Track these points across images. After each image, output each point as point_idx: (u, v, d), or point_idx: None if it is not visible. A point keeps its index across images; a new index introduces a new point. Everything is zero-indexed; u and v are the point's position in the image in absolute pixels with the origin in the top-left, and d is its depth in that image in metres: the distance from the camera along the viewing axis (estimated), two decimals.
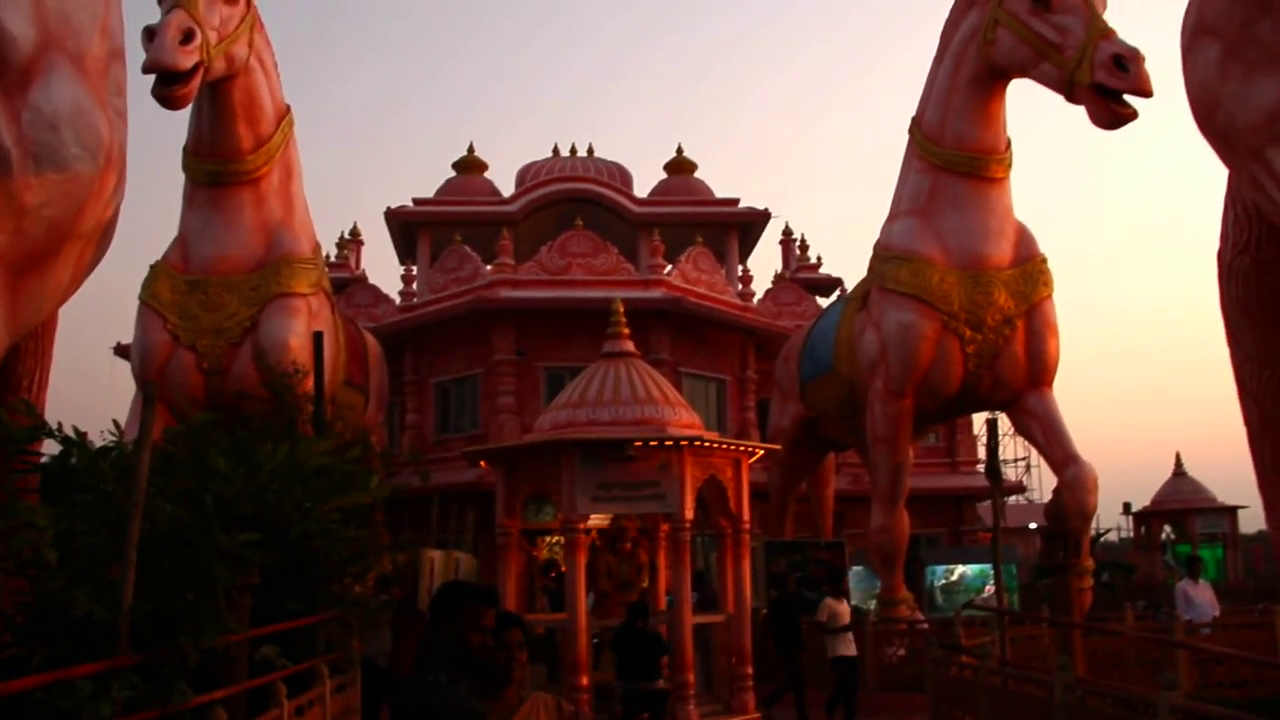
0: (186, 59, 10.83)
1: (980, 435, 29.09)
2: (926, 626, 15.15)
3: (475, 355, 24.54)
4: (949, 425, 26.47)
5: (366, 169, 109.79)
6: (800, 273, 31.32)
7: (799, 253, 32.20)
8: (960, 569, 20.25)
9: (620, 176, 29.28)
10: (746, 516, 12.45)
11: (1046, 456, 14.53)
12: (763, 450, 13.22)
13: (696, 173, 30.33)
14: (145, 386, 3.58)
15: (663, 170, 30.34)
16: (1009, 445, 33.45)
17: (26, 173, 5.00)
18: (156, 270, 13.66)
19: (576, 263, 24.70)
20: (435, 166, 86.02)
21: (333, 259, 29.20)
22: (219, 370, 13.37)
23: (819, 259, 32.02)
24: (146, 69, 10.63)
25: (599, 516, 12.70)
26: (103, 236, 6.38)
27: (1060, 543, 13.22)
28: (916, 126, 15.50)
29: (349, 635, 7.92)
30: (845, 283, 29.91)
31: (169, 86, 10.80)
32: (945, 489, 27.74)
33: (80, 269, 6.21)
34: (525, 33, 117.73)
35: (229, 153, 13.38)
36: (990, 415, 15.32)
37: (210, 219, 13.63)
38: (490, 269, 25.03)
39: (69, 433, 4.99)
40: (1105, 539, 32.29)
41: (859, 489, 23.03)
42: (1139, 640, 11.33)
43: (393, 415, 24.39)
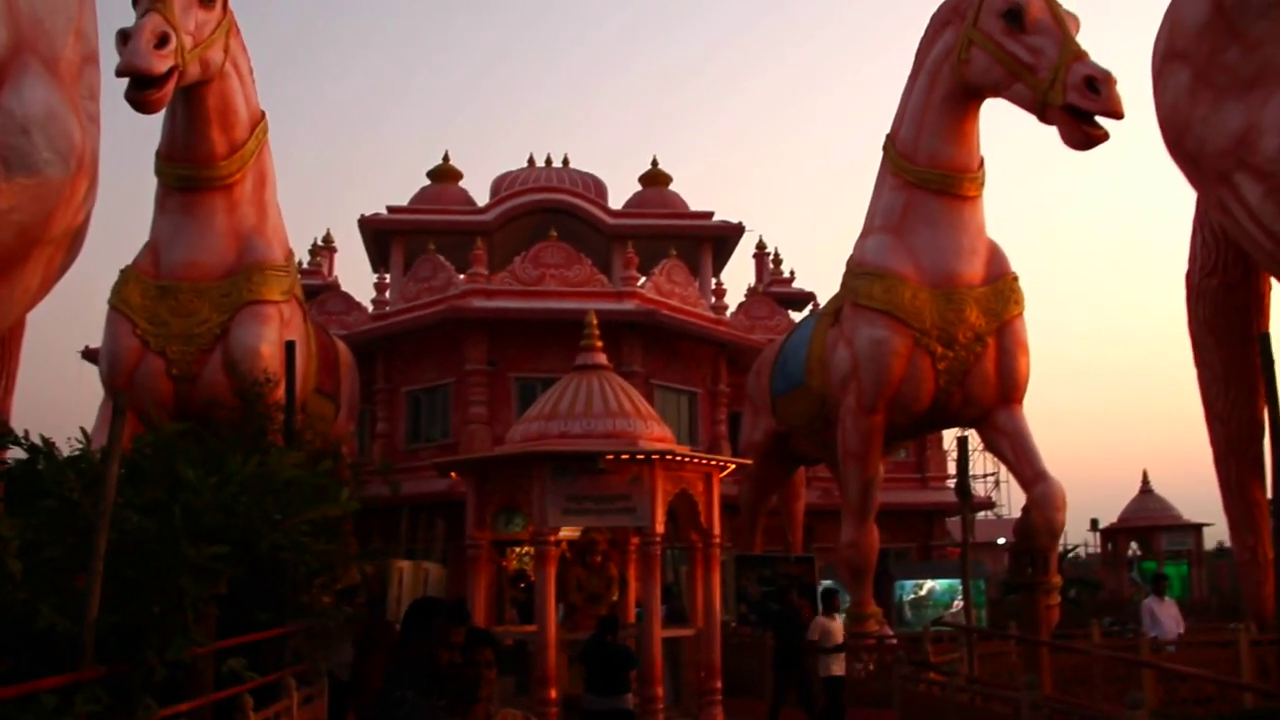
0: (161, 63, 10.77)
1: (950, 451, 29.25)
2: (895, 642, 15.20)
3: (447, 364, 24.44)
4: (919, 441, 26.59)
5: (341, 176, 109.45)
6: (773, 287, 31.42)
7: (772, 267, 32.32)
8: (929, 584, 20.35)
9: (595, 188, 29.27)
10: (717, 531, 12.43)
11: (1015, 473, 14.61)
12: (734, 465, 13.22)
13: (671, 185, 30.36)
14: (115, 396, 3.53)
15: (638, 182, 30.35)
16: (978, 461, 33.59)
17: None
18: (127, 275, 13.54)
19: (550, 273, 24.68)
20: (410, 174, 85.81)
21: (305, 265, 29.03)
22: (188, 377, 13.27)
23: (792, 273, 32.18)
24: (120, 72, 10.56)
25: (569, 529, 12.65)
26: (73, 242, 6.32)
27: (1029, 560, 13.28)
28: (891, 144, 15.59)
29: (316, 647, 7.85)
30: (818, 297, 30.04)
31: (143, 90, 10.72)
32: (915, 504, 27.87)
33: (50, 274, 6.14)
34: (502, 43, 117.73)
35: (202, 158, 13.30)
36: (961, 433, 15.41)
37: (182, 224, 13.54)
38: (463, 278, 24.97)
39: (36, 439, 4.93)
40: (1072, 555, 32.56)
41: (829, 503, 23.10)
42: (1105, 657, 11.38)
43: (363, 424, 24.26)
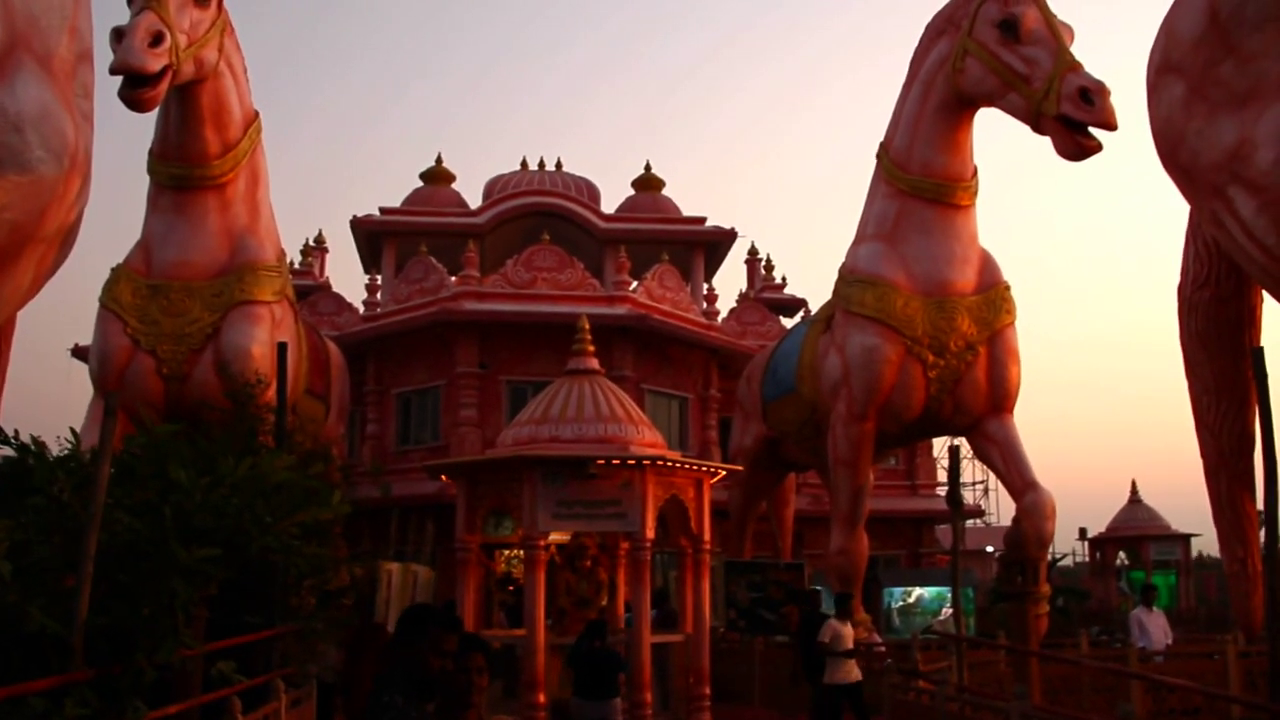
0: (155, 61, 10.73)
1: (940, 458, 29.31)
2: (884, 649, 15.19)
3: (438, 367, 24.42)
4: (909, 448, 26.65)
5: (333, 177, 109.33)
6: (765, 293, 31.45)
7: (764, 273, 32.34)
8: (918, 591, 20.35)
9: (588, 192, 29.28)
10: (708, 536, 12.43)
11: (1005, 482, 14.62)
12: (725, 471, 13.21)
13: (664, 190, 30.40)
14: (107, 397, 3.51)
15: (630, 187, 30.38)
16: (967, 469, 33.68)
17: None
18: (118, 273, 13.48)
19: (542, 277, 24.67)
20: (403, 176, 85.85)
21: (297, 266, 28.99)
22: (179, 376, 13.21)
23: (784, 279, 32.20)
24: (114, 70, 10.53)
25: (559, 533, 12.63)
26: (65, 240, 6.28)
27: (1018, 569, 13.29)
28: (884, 152, 15.61)
29: (305, 649, 7.83)
30: (809, 304, 30.09)
31: (136, 89, 10.69)
32: (904, 511, 27.91)
33: (41, 272, 6.11)
34: (496, 46, 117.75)
35: (195, 157, 13.25)
36: (952, 442, 15.41)
37: (174, 223, 13.48)
38: (455, 281, 24.95)
39: (25, 438, 4.89)
40: (1061, 564, 32.59)
41: (819, 510, 23.10)
42: (1094, 667, 11.40)
43: (353, 425, 24.22)
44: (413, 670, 3.33)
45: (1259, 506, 9.31)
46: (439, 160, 29.77)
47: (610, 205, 29.58)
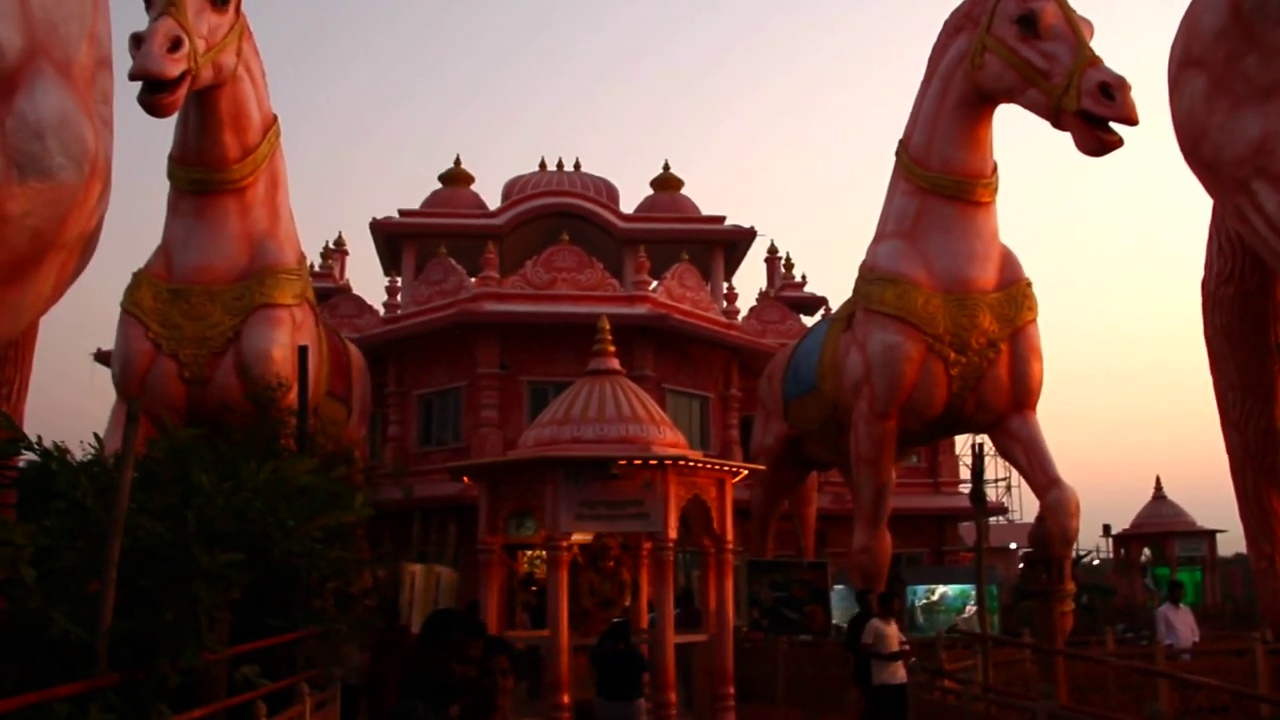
0: (173, 67, 10.80)
1: (963, 456, 29.17)
2: (908, 647, 15.12)
3: (458, 368, 24.47)
4: (931, 446, 26.52)
5: (352, 179, 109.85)
6: (785, 291, 31.38)
7: (784, 271, 32.27)
8: (941, 589, 20.24)
9: (607, 192, 29.28)
10: (730, 536, 12.39)
11: (1029, 480, 14.54)
12: (746, 470, 13.16)
13: (683, 190, 30.36)
14: (129, 403, 3.53)
15: (649, 186, 30.37)
16: (990, 466, 33.54)
17: (10, 181, 4.94)
18: (139, 278, 13.57)
19: (561, 277, 24.68)
20: (421, 178, 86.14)
21: (317, 268, 29.10)
22: (201, 380, 13.29)
23: (804, 278, 32.12)
24: (133, 76, 10.59)
25: (581, 534, 12.62)
26: (86, 246, 6.31)
27: (1043, 567, 13.19)
28: (903, 149, 15.55)
29: (329, 652, 7.84)
30: (830, 302, 30.01)
31: (155, 94, 10.76)
32: (927, 509, 27.78)
33: (63, 279, 6.14)
34: (513, 46, 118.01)
35: (215, 162, 13.32)
36: (975, 440, 15.34)
37: (194, 228, 13.56)
38: (475, 282, 24.98)
39: (49, 444, 4.91)
40: (1085, 561, 32.41)
41: (841, 508, 23.03)
42: (1121, 666, 11.31)
43: (375, 427, 24.29)
44: (435, 676, 3.33)
45: None
46: (457, 162, 29.82)
47: (629, 205, 29.59)
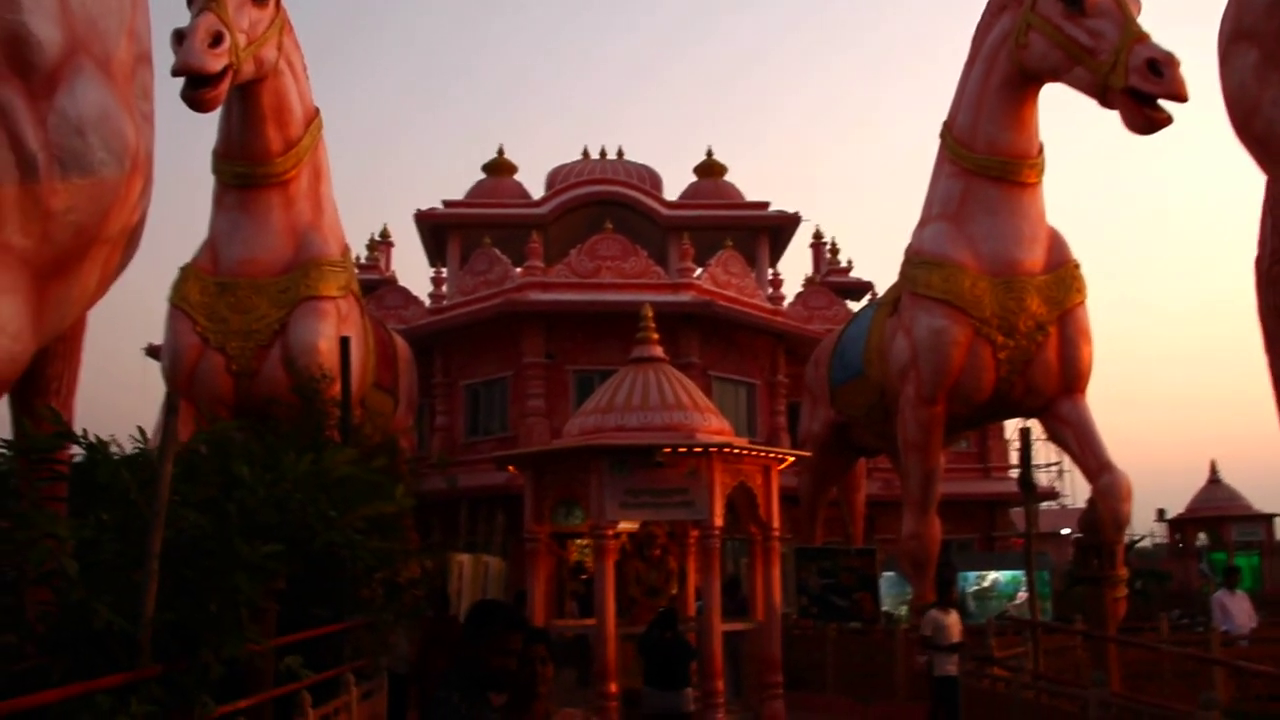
0: (215, 62, 10.88)
1: (1012, 440, 28.83)
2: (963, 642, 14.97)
3: (505, 358, 24.55)
4: (981, 431, 26.25)
5: (397, 171, 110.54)
6: (831, 276, 31.16)
7: (830, 256, 32.04)
8: (992, 575, 20.04)
9: (650, 179, 29.22)
10: (776, 523, 12.32)
11: (1080, 464, 14.32)
12: (793, 457, 13.07)
13: (727, 176, 30.22)
14: (166, 396, 3.56)
15: (693, 173, 30.27)
16: (1041, 451, 33.09)
17: (53, 177, 4.98)
18: (186, 272, 13.71)
19: (606, 266, 24.66)
20: (465, 169, 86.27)
21: (363, 261, 29.30)
22: (248, 372, 13.41)
23: (850, 263, 31.87)
24: (176, 72, 10.68)
25: (628, 522, 12.61)
26: (129, 241, 6.36)
27: (1094, 552, 12.99)
28: (948, 131, 15.35)
29: (377, 642, 7.89)
30: (876, 287, 29.78)
31: (198, 89, 10.85)
32: (977, 494, 27.52)
33: (107, 273, 6.19)
34: (555, 34, 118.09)
35: (258, 155, 13.41)
36: (1023, 424, 15.12)
37: (239, 221, 13.68)
38: (520, 272, 25.04)
39: (94, 439, 4.95)
40: (1139, 546, 31.92)
41: (890, 494, 22.84)
42: (1174, 653, 11.10)
43: (422, 417, 24.44)
44: (473, 668, 3.32)
45: None
46: (500, 152, 29.90)
47: (673, 192, 29.50)
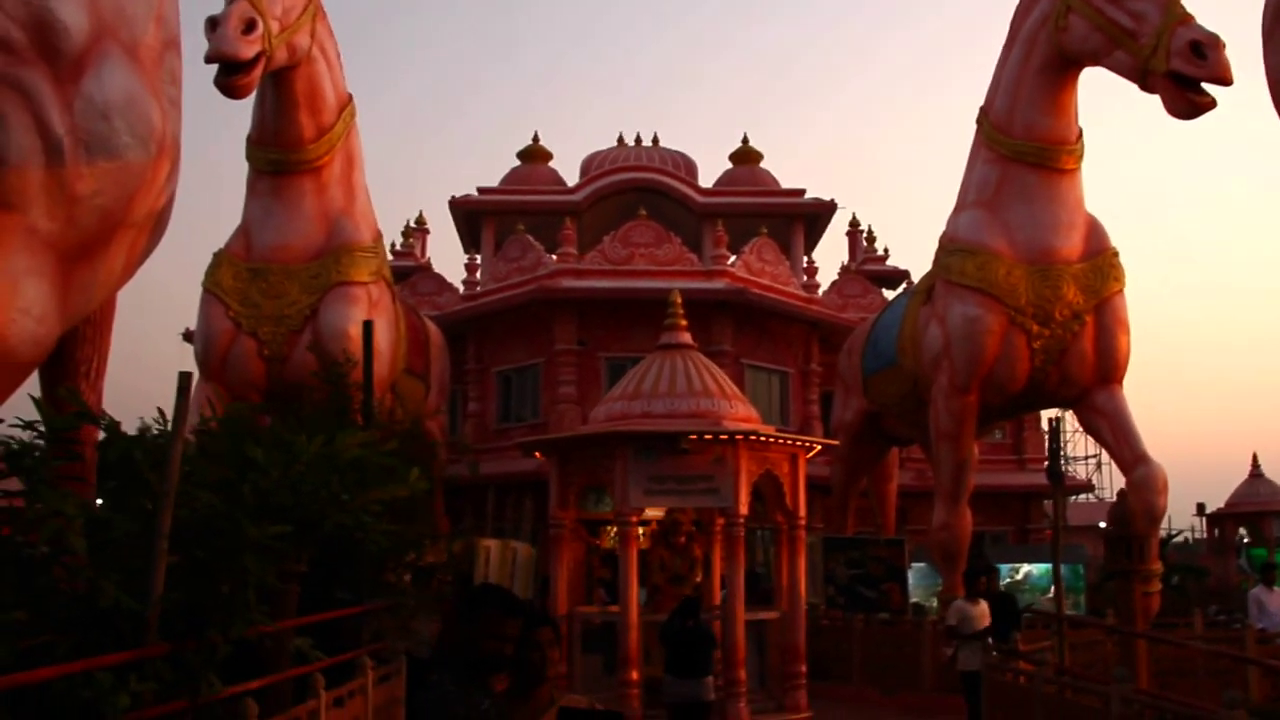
0: (248, 49, 10.95)
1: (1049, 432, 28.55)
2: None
3: (537, 344, 24.59)
4: (1016, 421, 26.03)
5: (432, 158, 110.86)
6: (866, 264, 30.95)
7: (865, 244, 31.81)
8: (1026, 568, 19.89)
9: (685, 166, 29.15)
10: (803, 512, 12.27)
11: (1115, 456, 14.17)
12: (819, 446, 13.01)
13: (762, 163, 30.08)
14: (179, 376, 3.61)
15: (728, 160, 30.15)
16: (1078, 442, 32.77)
17: (79, 161, 5.01)
18: (219, 258, 13.85)
19: (639, 253, 24.63)
20: (500, 155, 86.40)
21: (398, 247, 29.44)
22: (280, 357, 13.53)
23: (886, 251, 31.61)
24: (209, 59, 10.77)
25: (654, 509, 12.61)
26: (156, 225, 6.40)
27: (1124, 546, 12.81)
28: (985, 116, 15.17)
29: (399, 626, 7.92)
30: (912, 275, 29.52)
31: (231, 76, 10.93)
32: (1011, 486, 27.27)
33: (133, 257, 6.24)
34: (590, 21, 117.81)
35: (291, 142, 13.50)
36: (1054, 415, 14.96)
37: (272, 207, 13.79)
38: (553, 258, 25.06)
39: (138, 423, 4.99)
40: (1177, 541, 31.57)
41: (923, 485, 22.70)
42: (1206, 650, 10.94)
43: (455, 403, 24.54)
44: (465, 652, 3.32)
45: None
46: (535, 139, 29.94)
47: (708, 179, 29.40)
